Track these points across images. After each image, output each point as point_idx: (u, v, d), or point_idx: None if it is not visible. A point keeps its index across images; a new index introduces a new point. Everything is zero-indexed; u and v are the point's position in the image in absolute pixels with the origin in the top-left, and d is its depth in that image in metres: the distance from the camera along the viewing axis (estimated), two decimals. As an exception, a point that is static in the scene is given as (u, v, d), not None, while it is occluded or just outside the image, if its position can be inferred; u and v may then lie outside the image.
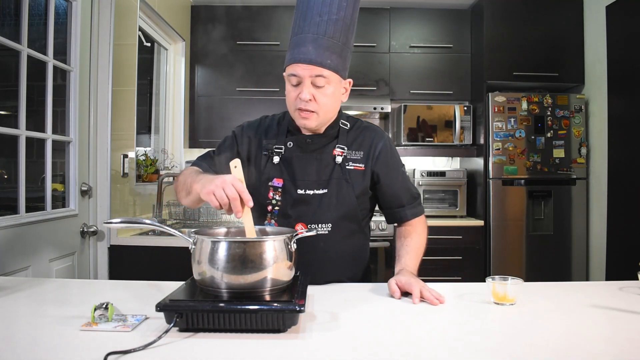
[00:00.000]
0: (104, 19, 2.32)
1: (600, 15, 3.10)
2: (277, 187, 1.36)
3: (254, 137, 1.42)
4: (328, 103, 1.29)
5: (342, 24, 1.26)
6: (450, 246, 3.21)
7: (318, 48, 1.24)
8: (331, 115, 1.35)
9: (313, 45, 1.24)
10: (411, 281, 1.20)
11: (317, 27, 1.24)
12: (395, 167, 1.42)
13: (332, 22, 1.24)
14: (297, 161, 1.37)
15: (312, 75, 1.25)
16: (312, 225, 1.34)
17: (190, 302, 0.93)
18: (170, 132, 3.50)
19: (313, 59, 1.24)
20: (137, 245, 2.40)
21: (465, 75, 3.59)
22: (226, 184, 1.03)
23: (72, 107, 2.19)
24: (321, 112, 1.30)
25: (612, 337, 0.96)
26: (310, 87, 1.26)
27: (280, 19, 3.57)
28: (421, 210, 1.46)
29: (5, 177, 2.04)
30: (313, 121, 1.30)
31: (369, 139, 1.41)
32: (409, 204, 1.43)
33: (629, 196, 2.82)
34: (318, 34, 1.24)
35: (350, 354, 0.85)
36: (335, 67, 1.26)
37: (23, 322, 1.02)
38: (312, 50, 1.24)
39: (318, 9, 1.25)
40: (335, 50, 1.26)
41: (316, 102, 1.28)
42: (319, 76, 1.25)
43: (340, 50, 1.27)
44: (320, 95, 1.27)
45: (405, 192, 1.43)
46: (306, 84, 1.26)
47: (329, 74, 1.26)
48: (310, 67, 1.24)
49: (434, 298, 1.15)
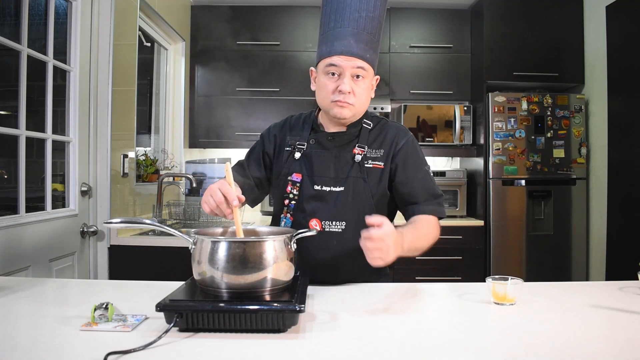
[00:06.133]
0: (104, 19, 2.32)
1: (600, 15, 3.10)
2: (296, 182, 1.38)
3: (279, 134, 1.47)
4: (364, 96, 1.34)
5: (377, 22, 1.33)
6: (450, 246, 3.21)
7: (359, 42, 1.29)
8: (364, 109, 1.39)
9: (354, 39, 1.30)
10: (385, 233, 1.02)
11: (356, 23, 1.30)
12: (414, 164, 1.39)
13: (370, 19, 1.31)
14: (317, 157, 1.39)
15: (354, 67, 1.29)
16: (326, 222, 1.34)
17: (190, 302, 0.93)
18: (170, 132, 3.50)
19: (355, 51, 1.29)
20: (137, 245, 2.39)
21: (465, 75, 3.59)
22: (213, 190, 1.12)
23: (72, 107, 2.19)
24: (357, 104, 1.34)
25: (612, 337, 0.96)
26: (350, 80, 1.31)
27: (280, 19, 3.56)
28: (438, 210, 1.36)
29: (5, 177, 2.04)
30: (349, 112, 1.34)
31: (391, 137, 1.40)
32: (424, 201, 1.36)
33: (629, 196, 2.82)
34: (358, 29, 1.30)
35: (350, 354, 0.85)
36: (372, 61, 1.33)
37: (23, 322, 1.02)
38: (354, 44, 1.29)
39: (356, 6, 1.31)
40: (372, 45, 1.32)
41: (354, 95, 1.32)
42: (359, 68, 1.30)
43: (376, 47, 1.34)
44: (358, 87, 1.32)
45: (423, 190, 1.37)
46: (347, 75, 1.30)
47: (368, 67, 1.32)
48: (353, 59, 1.29)
49: (370, 251, 1.02)
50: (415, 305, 1.20)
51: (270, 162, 1.47)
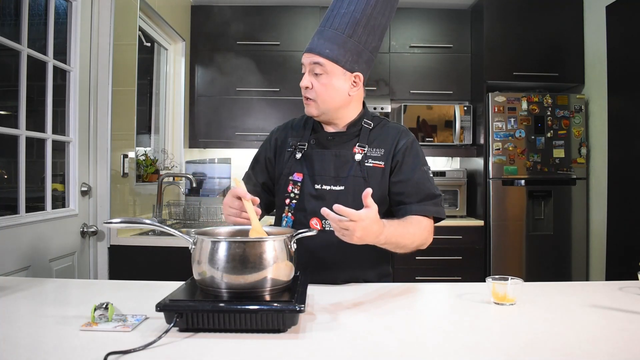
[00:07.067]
0: (104, 19, 2.32)
1: (600, 15, 3.10)
2: (297, 182, 1.39)
3: (279, 137, 1.50)
4: (324, 92, 1.33)
5: (350, 17, 1.30)
6: (450, 246, 3.21)
7: (320, 39, 1.32)
8: (333, 105, 1.35)
9: (317, 36, 1.33)
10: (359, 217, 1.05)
11: (326, 21, 1.33)
12: (412, 164, 1.36)
13: (340, 15, 1.31)
14: (317, 157, 1.40)
15: (311, 63, 1.31)
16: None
17: (190, 302, 0.93)
18: (170, 132, 3.50)
19: (312, 48, 1.31)
20: (137, 245, 2.39)
21: (465, 75, 3.59)
22: (225, 206, 1.25)
23: (72, 107, 2.19)
24: (319, 100, 1.33)
25: (612, 337, 0.95)
26: (310, 75, 1.33)
27: (280, 19, 3.56)
28: (434, 210, 1.33)
29: (5, 177, 2.04)
30: (313, 109, 1.35)
31: (392, 137, 1.40)
32: (418, 201, 1.33)
33: (629, 196, 2.82)
34: (325, 26, 1.32)
35: (350, 354, 0.85)
36: (334, 56, 1.29)
37: (23, 322, 1.02)
38: (315, 41, 1.32)
39: (334, 4, 1.33)
40: (336, 41, 1.30)
41: (314, 90, 1.33)
42: (316, 64, 1.30)
43: (343, 42, 1.30)
44: (317, 83, 1.33)
45: (418, 190, 1.34)
46: (306, 72, 1.34)
47: (325, 62, 1.30)
48: (310, 55, 1.31)
49: (336, 223, 1.05)
50: (416, 305, 1.20)
51: (273, 165, 1.49)
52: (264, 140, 1.54)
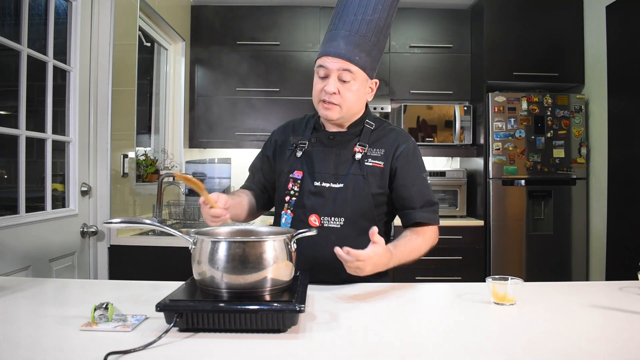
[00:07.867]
0: (104, 19, 2.32)
1: (600, 15, 3.10)
2: (297, 179, 1.41)
3: (280, 137, 1.52)
4: (351, 99, 1.34)
5: (375, 25, 1.32)
6: (450, 246, 3.21)
7: (349, 44, 1.31)
8: (354, 111, 1.39)
9: (344, 41, 1.31)
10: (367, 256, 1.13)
11: (350, 25, 1.32)
12: (413, 170, 1.40)
13: (366, 22, 1.31)
14: (317, 155, 1.41)
15: (340, 69, 1.31)
16: (325, 217, 1.36)
17: (190, 302, 0.93)
18: (170, 132, 3.50)
19: (342, 53, 1.30)
20: (137, 245, 2.39)
21: (465, 75, 3.59)
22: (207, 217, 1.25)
23: (72, 107, 2.19)
24: (344, 106, 1.34)
25: (612, 337, 0.96)
26: (336, 81, 1.32)
27: (280, 19, 3.56)
28: (434, 219, 1.40)
29: (5, 177, 2.04)
30: (335, 113, 1.35)
31: (392, 140, 1.42)
32: (421, 207, 1.39)
33: (629, 196, 2.82)
34: (351, 31, 1.31)
35: (350, 354, 0.85)
36: (362, 64, 1.32)
37: (23, 322, 1.02)
38: (343, 46, 1.31)
39: (354, 8, 1.32)
40: (364, 48, 1.32)
41: (340, 96, 1.33)
42: (345, 70, 1.31)
43: (370, 50, 1.33)
44: (345, 89, 1.33)
45: (420, 196, 1.39)
46: (333, 77, 1.32)
47: (356, 70, 1.31)
48: (339, 60, 1.30)
49: (347, 263, 1.13)
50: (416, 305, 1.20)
51: (271, 164, 1.51)
52: (262, 147, 1.57)
